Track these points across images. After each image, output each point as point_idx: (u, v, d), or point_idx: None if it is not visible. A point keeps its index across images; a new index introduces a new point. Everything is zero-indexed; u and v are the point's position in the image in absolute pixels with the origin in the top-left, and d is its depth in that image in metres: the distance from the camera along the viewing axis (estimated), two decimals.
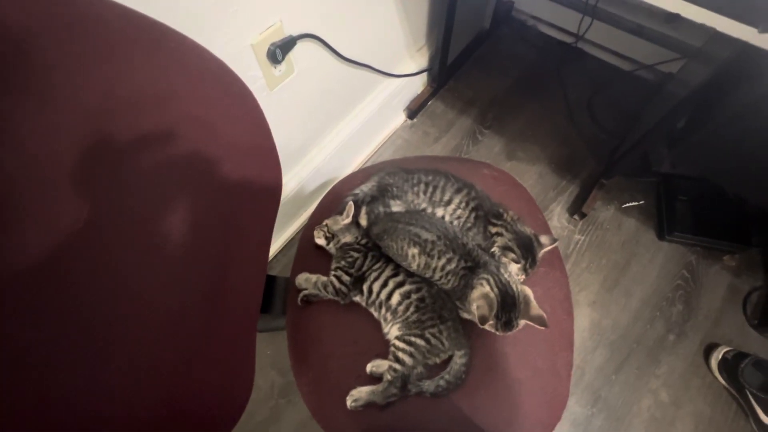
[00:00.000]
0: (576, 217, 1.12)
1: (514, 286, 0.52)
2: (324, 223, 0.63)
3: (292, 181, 0.99)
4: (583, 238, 1.11)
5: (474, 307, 0.51)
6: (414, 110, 1.28)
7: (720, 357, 0.92)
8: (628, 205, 1.14)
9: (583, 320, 1.01)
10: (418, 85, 1.28)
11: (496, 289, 0.51)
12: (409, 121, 1.30)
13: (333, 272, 0.61)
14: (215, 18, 0.56)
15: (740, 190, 0.81)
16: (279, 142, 0.53)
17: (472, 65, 1.41)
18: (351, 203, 0.61)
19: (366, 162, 1.24)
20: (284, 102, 0.78)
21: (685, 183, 1.11)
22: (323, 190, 1.15)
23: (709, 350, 0.96)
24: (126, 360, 0.39)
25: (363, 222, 0.64)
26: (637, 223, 1.13)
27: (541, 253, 0.59)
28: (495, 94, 1.35)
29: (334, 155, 1.07)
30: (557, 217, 1.14)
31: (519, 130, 1.28)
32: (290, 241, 1.13)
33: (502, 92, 1.36)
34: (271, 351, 1.00)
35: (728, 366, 0.90)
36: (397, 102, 1.23)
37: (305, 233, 0.69)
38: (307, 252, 0.67)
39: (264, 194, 0.62)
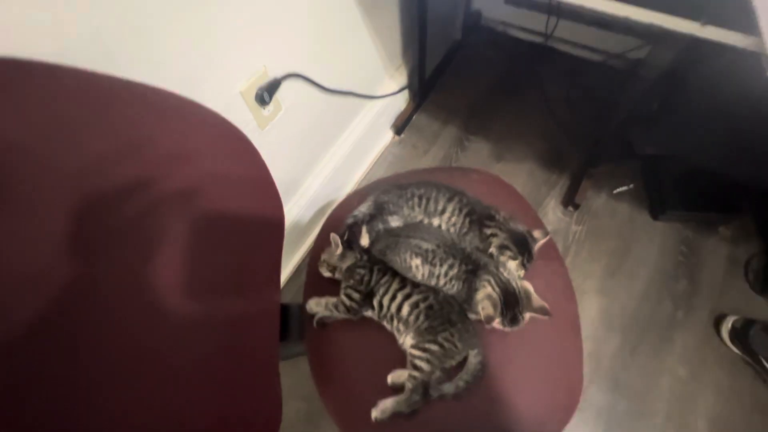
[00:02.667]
0: (570, 208, 1.15)
1: (514, 283, 0.55)
2: (322, 259, 0.66)
3: (292, 210, 1.03)
4: (580, 228, 1.14)
5: (479, 308, 0.54)
6: (400, 126, 1.33)
7: (729, 327, 0.94)
8: (618, 190, 1.18)
9: (591, 309, 1.03)
10: (401, 102, 1.34)
11: (497, 289, 0.54)
12: (397, 138, 1.35)
13: (343, 291, 0.63)
14: (206, 74, 0.61)
15: (715, 166, 0.85)
16: (276, 175, 0.57)
17: (450, 76, 1.47)
18: (333, 235, 0.64)
19: (361, 181, 1.28)
20: (275, 138, 0.83)
21: (668, 161, 1.14)
22: (324, 213, 1.19)
23: (718, 321, 0.98)
24: (153, 399, 0.41)
25: (365, 241, 0.67)
26: (630, 207, 1.16)
27: (536, 247, 0.62)
28: (475, 100, 1.40)
29: (330, 179, 1.11)
30: (552, 211, 1.18)
31: (504, 132, 1.33)
32: (298, 267, 1.15)
33: (482, 98, 1.41)
34: (291, 380, 1.01)
35: (739, 335, 0.92)
36: (383, 121, 1.28)
37: (311, 262, 0.72)
38: (315, 279, 0.69)
39: (269, 228, 0.65)
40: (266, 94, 0.73)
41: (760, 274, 1.02)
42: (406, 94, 1.33)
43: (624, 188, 1.18)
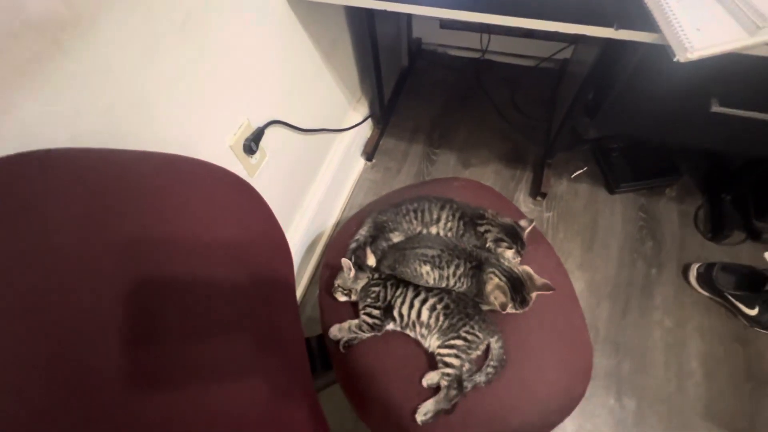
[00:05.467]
0: (539, 198, 1.26)
1: (516, 270, 0.62)
2: (336, 285, 0.70)
3: None
4: (550, 214, 1.25)
5: (492, 298, 0.60)
6: (370, 152, 1.41)
7: (695, 273, 1.06)
8: (576, 174, 1.31)
9: (579, 283, 1.12)
10: (367, 130, 1.42)
11: (504, 278, 0.61)
12: (369, 163, 1.42)
13: (362, 311, 0.67)
14: (200, 135, 0.65)
15: (647, 136, 0.99)
16: None
17: (406, 99, 1.58)
18: (344, 260, 0.68)
19: (344, 210, 1.33)
20: (264, 183, 0.87)
21: (611, 140, 1.29)
22: (316, 245, 1.22)
23: (685, 270, 1.10)
24: None
25: (371, 261, 0.72)
26: (588, 187, 1.29)
27: (525, 234, 0.69)
28: (433, 116, 1.52)
29: (316, 213, 1.15)
30: (524, 203, 1.28)
31: (464, 141, 1.44)
32: (301, 302, 1.17)
33: (438, 113, 1.53)
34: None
35: (704, 278, 1.04)
36: (354, 150, 1.35)
37: (322, 293, 0.75)
38: (328, 308, 0.72)
39: (282, 272, 0.68)
40: (253, 143, 0.77)
41: (707, 222, 1.17)
42: (370, 122, 1.42)
43: (580, 171, 1.31)
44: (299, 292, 1.18)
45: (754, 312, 0.98)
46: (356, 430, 0.95)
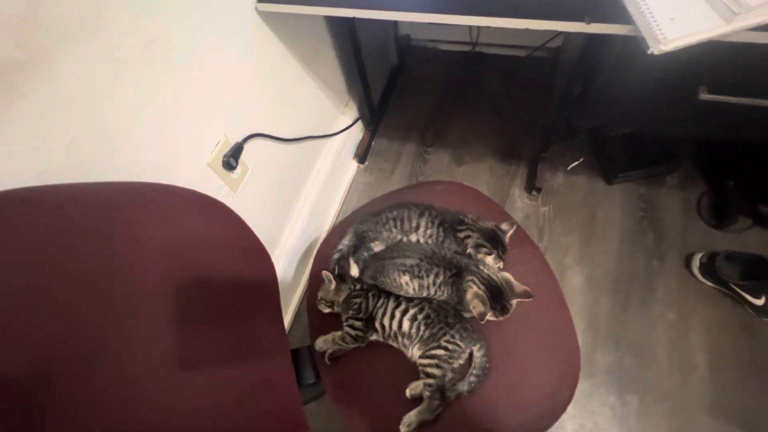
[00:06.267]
0: (534, 192, 1.24)
1: (495, 277, 0.61)
2: (319, 297, 0.70)
3: (280, 259, 1.07)
4: (547, 208, 1.22)
5: (471, 307, 0.59)
6: (362, 155, 1.40)
7: (698, 263, 1.02)
8: (571, 166, 1.28)
9: (577, 279, 1.10)
10: (358, 132, 1.41)
11: (482, 286, 0.60)
12: (361, 166, 1.41)
13: (345, 323, 0.67)
14: (174, 156, 0.66)
15: (646, 128, 0.95)
16: (257, 231, 0.62)
17: (398, 98, 1.56)
18: (325, 272, 0.68)
19: (338, 214, 1.33)
20: (249, 197, 0.87)
21: (608, 129, 1.25)
22: (311, 253, 1.23)
23: (688, 261, 1.06)
24: None
25: (354, 272, 0.72)
26: (585, 179, 1.25)
27: (506, 238, 0.68)
28: (426, 114, 1.50)
29: (309, 221, 1.16)
30: (519, 199, 1.26)
31: (458, 138, 1.42)
32: (297, 311, 1.18)
33: (431, 111, 1.51)
34: (316, 425, 1.01)
35: (707, 268, 1.00)
36: (345, 154, 1.35)
37: (310, 304, 0.75)
38: (317, 319, 0.73)
39: (264, 283, 0.69)
40: (231, 159, 0.78)
41: (711, 210, 1.12)
42: (360, 124, 1.41)
43: (576, 163, 1.28)
44: (296, 300, 1.19)
45: (760, 302, 0.95)
46: None
